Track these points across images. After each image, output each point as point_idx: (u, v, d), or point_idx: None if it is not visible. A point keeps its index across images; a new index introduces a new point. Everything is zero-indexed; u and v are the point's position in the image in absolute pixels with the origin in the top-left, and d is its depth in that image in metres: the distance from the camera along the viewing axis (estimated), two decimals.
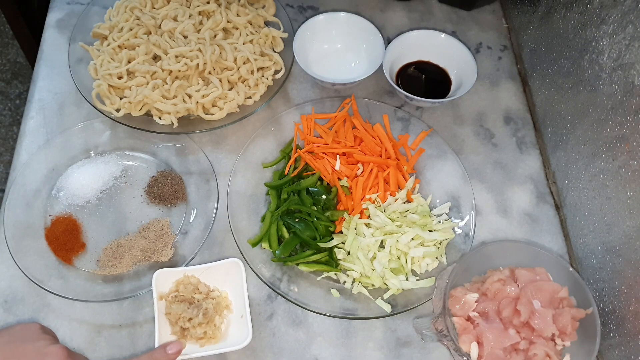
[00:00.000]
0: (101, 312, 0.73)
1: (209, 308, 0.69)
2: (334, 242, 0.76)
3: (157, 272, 0.71)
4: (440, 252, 0.77)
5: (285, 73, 0.89)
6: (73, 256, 0.76)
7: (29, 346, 0.60)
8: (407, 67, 0.93)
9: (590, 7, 0.75)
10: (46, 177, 0.81)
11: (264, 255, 0.77)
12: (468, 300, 0.67)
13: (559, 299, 0.67)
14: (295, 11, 1.00)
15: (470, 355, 0.64)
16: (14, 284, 0.74)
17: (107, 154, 0.84)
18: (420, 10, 1.02)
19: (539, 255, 0.71)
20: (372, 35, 0.91)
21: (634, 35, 0.65)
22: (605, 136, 0.72)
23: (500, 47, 0.99)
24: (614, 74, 0.70)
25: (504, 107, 0.93)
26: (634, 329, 0.65)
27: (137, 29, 0.86)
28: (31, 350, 0.60)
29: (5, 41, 1.93)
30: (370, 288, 0.75)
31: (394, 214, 0.78)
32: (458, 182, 0.82)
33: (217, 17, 0.87)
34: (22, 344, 0.61)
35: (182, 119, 0.84)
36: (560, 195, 0.84)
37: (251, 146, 0.83)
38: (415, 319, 0.72)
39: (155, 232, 0.78)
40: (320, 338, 0.73)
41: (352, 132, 0.85)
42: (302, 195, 0.79)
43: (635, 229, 0.66)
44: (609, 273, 0.71)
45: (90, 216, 0.80)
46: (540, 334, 0.65)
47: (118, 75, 0.83)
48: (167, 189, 0.81)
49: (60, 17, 0.97)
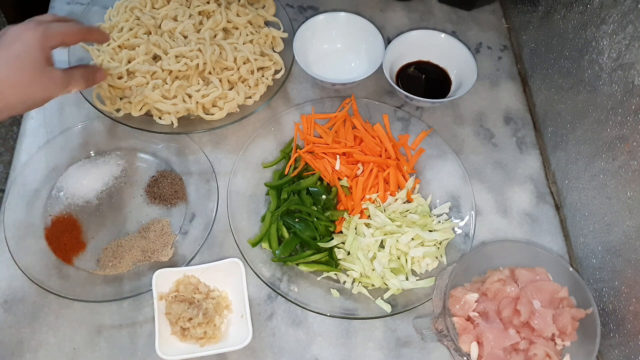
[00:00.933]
0: (101, 312, 0.73)
1: (209, 308, 0.69)
2: (334, 242, 0.77)
3: (157, 272, 0.71)
4: (440, 252, 0.77)
5: (285, 73, 0.89)
6: (73, 256, 0.76)
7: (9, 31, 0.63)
8: (407, 67, 0.93)
9: (590, 7, 0.75)
10: (46, 177, 0.81)
11: (264, 255, 0.77)
12: (468, 300, 0.67)
13: (559, 299, 0.67)
14: (295, 11, 1.00)
15: (470, 355, 0.64)
16: (14, 284, 0.74)
17: (107, 154, 0.84)
18: (420, 10, 1.02)
19: (539, 255, 0.71)
20: (372, 35, 0.91)
21: (634, 35, 0.65)
22: (605, 136, 0.72)
23: (500, 47, 0.99)
24: (614, 74, 0.70)
25: (504, 107, 0.93)
26: (634, 329, 0.65)
27: (137, 29, 0.86)
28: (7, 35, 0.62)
29: None
30: (370, 288, 0.75)
31: (394, 214, 0.78)
32: (458, 182, 0.82)
33: (217, 17, 0.87)
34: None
35: (182, 119, 0.84)
36: (560, 195, 0.84)
37: (251, 146, 0.83)
38: (415, 319, 0.72)
39: (155, 232, 0.78)
40: (320, 338, 0.73)
41: (352, 132, 0.85)
42: (302, 195, 0.79)
43: (635, 229, 0.66)
44: (609, 273, 0.71)
45: (90, 216, 0.80)
46: (540, 334, 0.65)
47: (118, 75, 0.83)
48: (167, 189, 0.81)
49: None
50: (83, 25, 0.71)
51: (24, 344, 0.71)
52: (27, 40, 0.62)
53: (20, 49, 0.61)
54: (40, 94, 0.64)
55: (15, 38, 0.62)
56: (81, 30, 0.69)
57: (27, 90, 0.62)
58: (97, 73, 0.72)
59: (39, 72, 0.63)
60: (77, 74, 0.68)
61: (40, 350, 0.71)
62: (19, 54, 0.61)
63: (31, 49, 0.62)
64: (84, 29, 0.70)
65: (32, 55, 0.62)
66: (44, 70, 0.63)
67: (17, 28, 0.63)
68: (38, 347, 0.71)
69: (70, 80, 0.66)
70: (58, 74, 0.65)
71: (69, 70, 0.67)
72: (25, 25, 0.63)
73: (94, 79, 0.72)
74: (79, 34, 0.69)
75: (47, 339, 0.71)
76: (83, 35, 0.70)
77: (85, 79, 0.69)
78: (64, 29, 0.66)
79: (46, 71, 0.63)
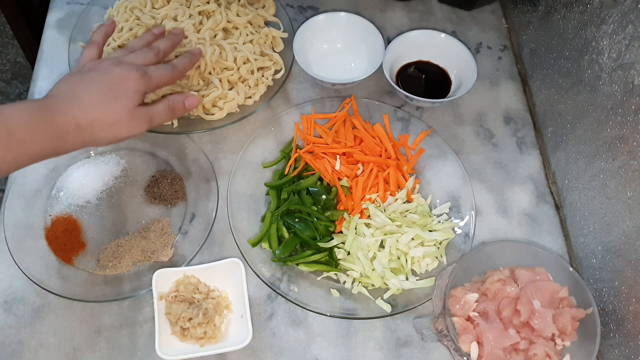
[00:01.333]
0: (101, 312, 0.73)
1: (209, 308, 0.69)
2: (334, 242, 0.77)
3: (157, 272, 0.71)
4: (440, 252, 0.77)
5: (285, 73, 0.89)
6: (73, 256, 0.76)
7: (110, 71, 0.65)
8: (407, 67, 0.93)
9: (590, 7, 0.75)
10: (46, 177, 0.81)
11: (264, 255, 0.77)
12: (468, 300, 0.67)
13: (559, 299, 0.67)
14: (295, 11, 1.00)
15: (470, 355, 0.64)
16: (14, 284, 0.74)
17: (107, 154, 0.84)
18: (420, 10, 1.02)
19: (539, 255, 0.71)
20: (372, 35, 0.91)
21: (634, 35, 0.65)
22: (605, 136, 0.72)
23: (500, 47, 0.99)
24: (614, 74, 0.70)
25: (504, 107, 0.93)
26: (634, 329, 0.65)
27: (137, 29, 0.86)
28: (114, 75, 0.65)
29: (5, 41, 1.93)
30: (370, 288, 0.75)
31: (394, 214, 0.78)
32: (458, 182, 0.82)
33: (217, 17, 0.87)
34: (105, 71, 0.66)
35: (182, 119, 0.84)
36: (560, 195, 0.84)
37: (251, 146, 0.83)
38: (415, 319, 0.72)
39: (155, 232, 0.78)
40: (320, 338, 0.73)
41: (352, 132, 0.85)
42: (302, 195, 0.79)
43: (635, 229, 0.66)
44: (609, 273, 0.71)
45: (90, 216, 0.80)
46: (540, 334, 0.65)
47: None
48: (167, 189, 0.81)
49: (60, 17, 0.97)
50: (178, 66, 0.72)
51: (24, 344, 0.71)
52: (130, 87, 0.64)
53: (121, 93, 0.64)
54: (126, 133, 0.65)
55: (119, 80, 0.64)
56: (177, 72, 0.71)
57: (112, 129, 0.64)
58: (185, 100, 0.72)
59: (129, 115, 0.64)
60: (161, 109, 0.69)
61: (40, 350, 0.71)
62: (118, 96, 0.63)
63: (131, 94, 0.64)
64: (180, 70, 0.72)
65: (130, 100, 0.64)
66: (133, 113, 0.65)
67: (121, 70, 0.65)
68: (38, 347, 0.71)
69: (152, 119, 0.68)
70: (143, 113, 0.66)
71: (154, 106, 0.68)
72: (130, 73, 0.65)
73: (182, 108, 0.72)
74: (175, 78, 0.71)
75: (47, 339, 0.71)
76: (178, 76, 0.72)
77: (171, 110, 0.70)
78: (163, 78, 0.69)
79: (134, 112, 0.65)
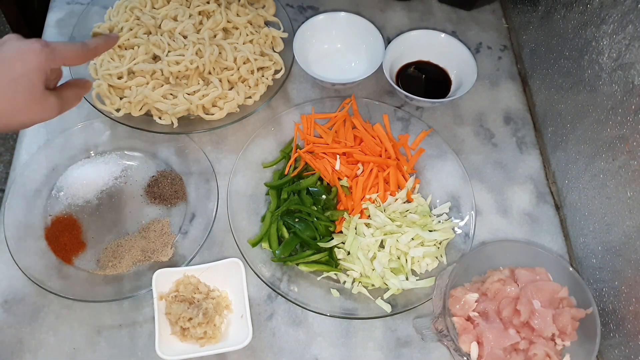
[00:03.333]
0: (101, 312, 0.73)
1: (209, 308, 0.69)
2: (334, 242, 0.77)
3: (157, 272, 0.71)
4: (440, 252, 0.77)
5: (285, 73, 0.89)
6: (73, 256, 0.76)
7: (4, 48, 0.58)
8: (407, 67, 0.93)
9: (590, 7, 0.75)
10: (46, 177, 0.81)
11: (264, 255, 0.77)
12: (468, 300, 0.67)
13: (559, 299, 0.67)
14: (295, 11, 1.00)
15: (470, 355, 0.64)
16: (14, 284, 0.74)
17: (107, 154, 0.84)
18: (420, 10, 1.02)
19: (539, 255, 0.71)
20: (372, 35, 0.91)
21: (634, 35, 0.65)
22: (605, 136, 0.72)
23: (500, 47, 0.99)
24: (614, 74, 0.70)
25: (504, 107, 0.93)
26: (634, 329, 0.65)
27: (137, 29, 0.86)
28: (7, 51, 0.58)
29: None
30: (370, 288, 0.75)
31: (394, 214, 0.78)
32: (458, 182, 0.82)
33: (217, 17, 0.87)
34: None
35: (182, 119, 0.84)
36: (560, 195, 0.84)
37: (251, 146, 0.83)
38: (415, 319, 0.72)
39: (155, 232, 0.78)
40: (320, 338, 0.73)
41: (352, 132, 0.85)
42: (302, 195, 0.79)
43: (635, 229, 0.66)
44: (609, 273, 0.71)
45: (90, 216, 0.80)
46: (540, 334, 0.65)
47: (118, 75, 0.83)
48: (167, 189, 0.81)
49: (60, 17, 0.97)
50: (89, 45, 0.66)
51: (24, 344, 0.71)
52: (29, 63, 0.59)
53: (20, 72, 0.58)
54: (32, 121, 0.61)
55: (17, 56, 0.59)
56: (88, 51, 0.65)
57: (18, 117, 0.59)
58: (86, 84, 0.69)
59: (34, 100, 0.60)
60: (70, 94, 0.65)
61: (40, 350, 0.71)
62: (17, 77, 0.58)
63: (31, 73, 0.59)
64: (91, 49, 0.66)
65: (32, 81, 0.59)
66: (39, 97, 0.60)
67: (21, 44, 0.60)
68: (38, 347, 0.71)
69: (64, 104, 0.64)
70: (52, 100, 0.62)
71: (62, 92, 0.64)
72: (31, 45, 0.59)
73: (84, 91, 0.68)
74: (84, 56, 0.65)
75: (47, 339, 0.71)
76: (89, 55, 0.66)
77: (77, 95, 0.66)
78: (70, 52, 0.63)
79: (41, 98, 0.60)
